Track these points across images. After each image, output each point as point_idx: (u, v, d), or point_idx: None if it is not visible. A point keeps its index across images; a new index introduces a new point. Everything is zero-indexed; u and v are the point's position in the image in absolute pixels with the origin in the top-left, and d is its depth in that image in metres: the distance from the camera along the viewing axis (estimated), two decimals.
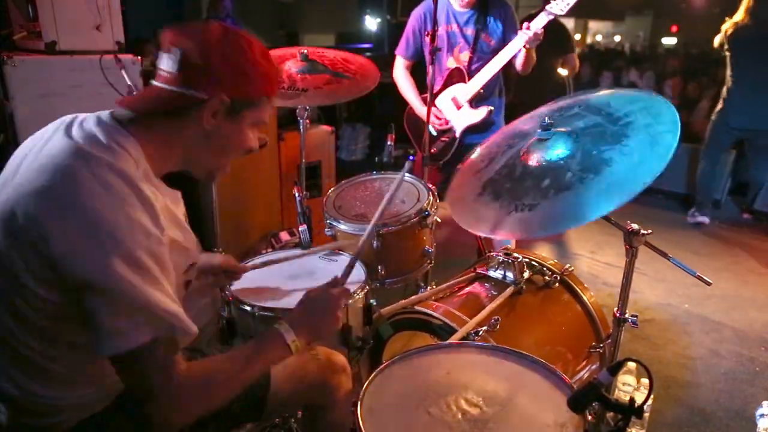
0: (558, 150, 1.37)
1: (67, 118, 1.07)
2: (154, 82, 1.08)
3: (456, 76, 2.76)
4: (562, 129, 1.40)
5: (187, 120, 1.06)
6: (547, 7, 2.58)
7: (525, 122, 1.57)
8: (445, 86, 2.77)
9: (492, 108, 2.73)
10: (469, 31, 2.70)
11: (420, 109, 2.80)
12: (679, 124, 1.23)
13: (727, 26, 4.07)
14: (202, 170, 1.18)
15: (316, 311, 1.23)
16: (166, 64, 1.05)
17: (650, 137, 1.25)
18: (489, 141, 1.65)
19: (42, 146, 1.01)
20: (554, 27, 4.59)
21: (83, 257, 0.90)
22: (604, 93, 1.50)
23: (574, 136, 1.37)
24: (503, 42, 2.70)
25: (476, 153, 1.66)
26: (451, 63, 2.78)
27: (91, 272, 0.90)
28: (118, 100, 1.08)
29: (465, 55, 2.74)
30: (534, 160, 1.42)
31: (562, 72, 4.58)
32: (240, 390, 1.09)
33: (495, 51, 2.68)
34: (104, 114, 1.05)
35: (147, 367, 0.95)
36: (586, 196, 1.25)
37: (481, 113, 2.72)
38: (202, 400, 1.02)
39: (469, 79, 2.72)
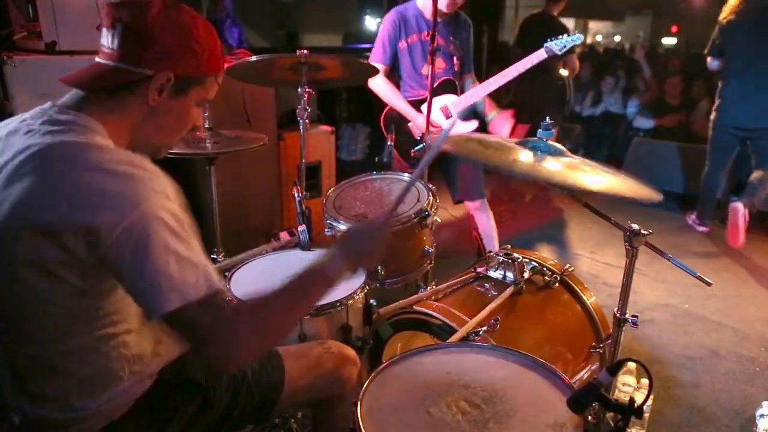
0: None
1: (10, 122, 1.05)
2: (97, 59, 1.07)
3: (447, 87, 2.81)
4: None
5: (131, 96, 1.05)
6: (546, 44, 2.70)
7: None
8: (434, 94, 2.77)
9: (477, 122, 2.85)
10: (442, 41, 2.75)
11: (409, 112, 2.78)
12: None
13: (722, 17, 3.95)
14: (148, 147, 1.15)
15: (363, 240, 1.19)
16: (106, 39, 1.03)
17: None
18: None
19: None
20: (555, 28, 4.56)
21: (111, 224, 0.89)
22: None
23: None
24: (468, 54, 2.91)
25: None
26: (425, 70, 2.76)
27: (128, 230, 0.89)
28: (60, 77, 1.06)
29: (439, 63, 2.76)
30: None
31: (564, 72, 4.58)
32: (293, 322, 1.09)
33: (462, 62, 2.84)
34: (46, 105, 1.05)
35: (198, 316, 0.94)
36: None
37: (471, 126, 2.80)
38: (256, 333, 1.00)
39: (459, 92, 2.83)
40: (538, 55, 2.68)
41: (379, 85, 2.81)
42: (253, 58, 2.24)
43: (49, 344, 1.00)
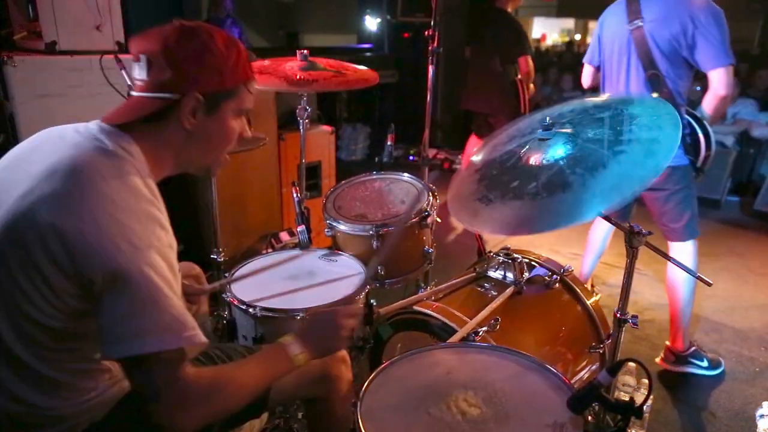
0: (558, 150, 1.37)
1: (60, 128, 1.09)
2: (133, 93, 1.09)
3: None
4: (564, 130, 1.40)
5: (167, 123, 1.07)
6: None
7: (525, 124, 1.56)
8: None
9: None
10: None
11: None
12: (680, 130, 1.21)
13: None
14: (197, 168, 1.19)
15: (325, 329, 1.24)
16: (137, 72, 1.06)
17: (649, 143, 1.24)
18: (491, 141, 1.64)
19: (31, 155, 1.03)
20: (504, 23, 4.06)
21: (105, 256, 0.91)
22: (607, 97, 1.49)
23: (574, 139, 1.36)
24: None
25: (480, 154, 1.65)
26: None
27: (115, 269, 0.91)
28: (103, 117, 1.09)
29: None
30: (533, 160, 1.42)
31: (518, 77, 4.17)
32: (247, 399, 1.10)
33: None
34: (98, 122, 1.07)
35: (157, 370, 0.95)
36: (581, 196, 1.24)
37: None
38: (208, 406, 1.02)
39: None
40: None
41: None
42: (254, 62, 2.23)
43: (28, 354, 1.00)
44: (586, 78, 2.68)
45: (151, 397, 0.97)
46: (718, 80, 2.16)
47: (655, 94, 2.24)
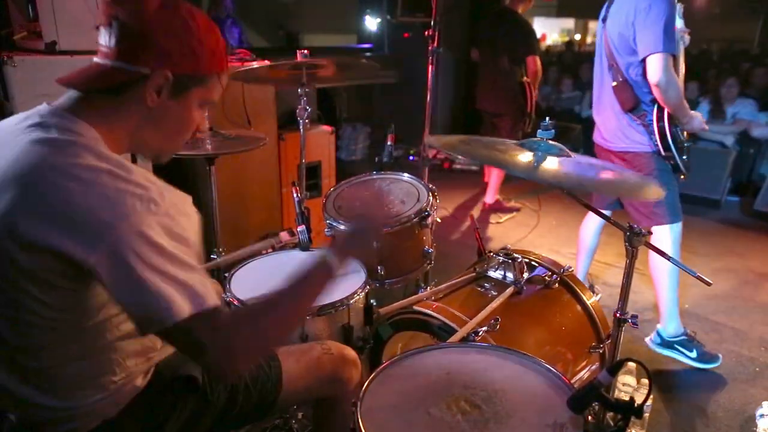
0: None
1: (12, 120, 1.03)
2: (94, 59, 1.04)
3: None
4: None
5: (130, 98, 1.01)
6: None
7: None
8: None
9: None
10: None
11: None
12: None
13: None
14: (149, 151, 1.12)
15: (360, 234, 1.24)
16: (104, 38, 1.01)
17: None
18: None
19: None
20: (513, 24, 4.07)
21: (84, 245, 0.88)
22: None
23: None
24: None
25: None
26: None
27: (99, 254, 0.87)
28: (57, 78, 1.03)
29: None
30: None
31: (525, 79, 4.19)
32: (294, 324, 1.07)
33: None
34: (42, 106, 1.02)
35: (192, 331, 0.91)
36: None
37: None
38: (255, 340, 0.97)
39: None
40: None
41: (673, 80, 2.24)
42: (254, 64, 2.23)
43: (40, 351, 0.99)
44: None
45: (198, 356, 0.94)
46: (650, 67, 2.19)
47: (614, 83, 2.37)
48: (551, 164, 1.41)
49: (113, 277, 0.89)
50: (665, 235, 2.44)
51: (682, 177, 2.43)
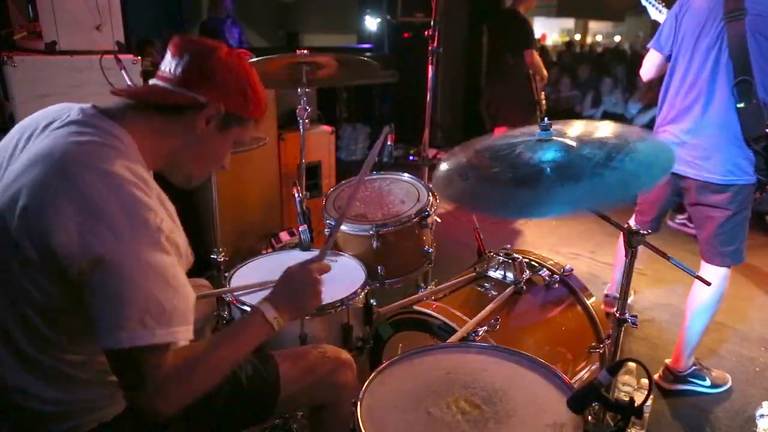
0: (549, 155, 1.37)
1: (51, 110, 1.08)
2: (154, 81, 1.10)
3: None
4: (561, 138, 1.40)
5: (179, 121, 1.09)
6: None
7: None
8: None
9: None
10: None
11: None
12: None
13: None
14: (180, 175, 1.19)
15: (296, 286, 1.23)
16: (170, 65, 1.08)
17: (630, 175, 1.24)
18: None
19: (26, 144, 1.03)
20: (513, 21, 4.43)
21: (84, 244, 0.90)
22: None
23: (569, 150, 1.36)
24: None
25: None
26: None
27: (95, 258, 0.90)
28: (113, 90, 1.11)
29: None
30: (524, 156, 1.41)
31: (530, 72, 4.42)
32: (227, 372, 1.08)
33: None
34: (86, 106, 1.07)
35: (141, 361, 0.94)
36: (542, 196, 1.26)
37: None
38: (189, 387, 1.00)
39: None
40: None
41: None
42: (253, 59, 2.24)
43: (47, 344, 1.01)
44: (650, 68, 2.27)
45: (132, 385, 0.97)
46: None
47: (741, 105, 1.92)
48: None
49: (92, 285, 0.91)
50: (724, 273, 2.19)
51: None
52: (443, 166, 1.49)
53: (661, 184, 2.24)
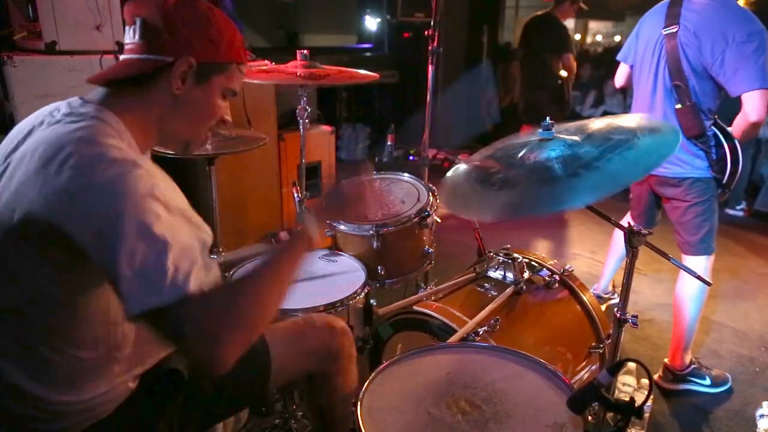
0: (552, 153, 1.38)
1: (42, 111, 1.07)
2: (121, 56, 1.09)
3: None
4: (565, 136, 1.40)
5: (156, 87, 1.06)
6: None
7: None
8: None
9: None
10: None
11: None
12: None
13: None
14: (177, 141, 1.16)
15: (346, 190, 1.26)
16: (128, 36, 1.06)
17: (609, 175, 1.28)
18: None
19: (24, 141, 1.02)
20: (552, 26, 4.59)
21: (89, 212, 0.89)
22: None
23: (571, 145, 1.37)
24: None
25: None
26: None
27: (102, 222, 0.88)
28: (88, 78, 1.08)
29: None
30: (530, 158, 1.42)
31: (563, 73, 4.61)
32: (275, 297, 0.99)
33: None
34: (73, 99, 1.06)
35: (173, 320, 0.88)
36: (567, 188, 1.28)
37: None
38: (232, 320, 0.91)
39: None
40: None
41: None
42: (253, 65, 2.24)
43: (46, 335, 1.00)
44: (620, 77, 2.59)
45: (177, 342, 0.91)
46: (751, 104, 2.00)
47: (678, 105, 2.15)
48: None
49: (104, 257, 0.88)
50: (703, 264, 2.35)
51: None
52: (459, 179, 1.48)
53: (640, 180, 2.43)
